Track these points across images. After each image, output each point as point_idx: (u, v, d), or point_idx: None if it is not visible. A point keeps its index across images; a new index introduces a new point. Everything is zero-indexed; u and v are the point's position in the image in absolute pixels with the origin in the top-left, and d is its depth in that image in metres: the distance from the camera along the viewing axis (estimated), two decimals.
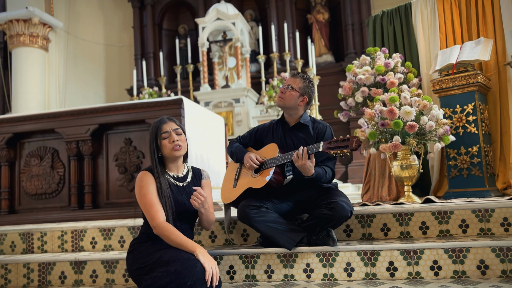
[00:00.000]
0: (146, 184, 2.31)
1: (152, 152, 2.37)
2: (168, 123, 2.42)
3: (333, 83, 10.37)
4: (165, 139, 2.38)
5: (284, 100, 2.69)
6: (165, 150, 2.37)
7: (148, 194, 2.28)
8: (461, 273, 2.22)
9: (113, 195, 4.13)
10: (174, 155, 2.37)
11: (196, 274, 2.03)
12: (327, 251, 2.39)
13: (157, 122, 2.43)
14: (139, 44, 11.56)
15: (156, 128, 2.40)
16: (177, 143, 2.37)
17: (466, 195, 3.62)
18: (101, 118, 4.10)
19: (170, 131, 2.39)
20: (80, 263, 2.70)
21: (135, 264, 2.24)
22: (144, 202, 2.29)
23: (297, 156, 2.36)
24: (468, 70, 3.79)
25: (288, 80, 2.75)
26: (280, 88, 2.73)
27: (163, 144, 2.37)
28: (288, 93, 2.68)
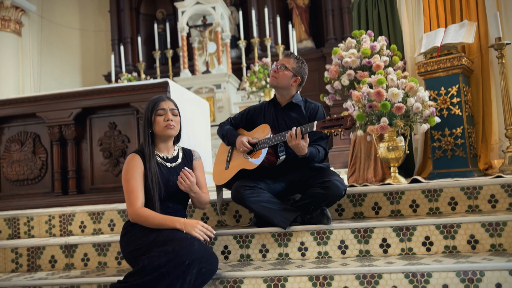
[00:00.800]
0: (132, 168, 2.28)
1: (146, 128, 2.33)
2: (166, 101, 2.39)
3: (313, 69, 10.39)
4: (160, 116, 2.34)
5: (278, 80, 2.68)
6: (157, 127, 2.34)
7: (131, 180, 2.25)
8: (452, 248, 2.28)
9: (98, 180, 4.07)
10: (166, 133, 2.34)
11: (194, 252, 2.02)
12: (321, 229, 2.41)
13: (155, 98, 2.39)
14: (116, 29, 11.32)
15: (153, 103, 2.36)
16: (171, 122, 2.34)
17: (450, 175, 3.70)
18: (85, 102, 4.01)
19: (167, 110, 2.36)
20: (71, 246, 2.65)
21: (129, 246, 2.21)
22: (125, 187, 2.27)
23: (290, 136, 2.37)
24: (453, 52, 3.85)
25: (281, 59, 2.73)
26: (273, 68, 2.72)
27: (157, 120, 2.34)
28: (282, 73, 2.67)
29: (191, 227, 2.14)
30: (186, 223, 2.15)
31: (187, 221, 2.15)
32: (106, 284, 2.28)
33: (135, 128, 4.03)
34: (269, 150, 2.54)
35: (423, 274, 2.00)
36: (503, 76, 3.52)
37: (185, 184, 2.25)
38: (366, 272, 2.05)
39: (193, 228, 2.13)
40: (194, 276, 2.03)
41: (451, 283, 1.97)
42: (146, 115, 2.35)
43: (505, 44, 3.49)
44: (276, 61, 2.77)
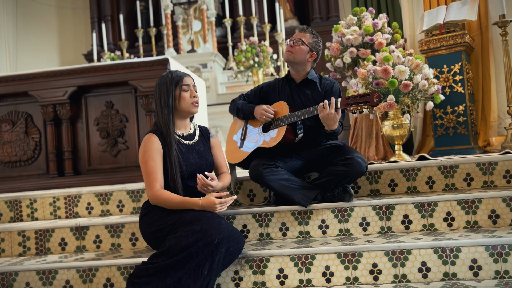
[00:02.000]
0: (149, 149, 2.18)
1: (170, 104, 2.22)
2: (189, 77, 2.30)
3: None
4: (185, 92, 2.25)
5: (294, 55, 2.62)
6: (183, 103, 2.25)
7: (150, 161, 2.17)
8: (474, 223, 2.29)
9: (96, 161, 3.95)
10: (192, 110, 2.26)
11: (222, 231, 1.97)
12: (342, 206, 2.39)
13: (177, 72, 2.29)
14: (95, 7, 10.95)
15: (177, 78, 2.26)
16: (197, 99, 2.25)
17: (452, 153, 3.74)
18: (80, 80, 3.86)
19: (191, 86, 2.27)
20: (82, 228, 2.56)
21: (151, 227, 2.14)
22: (144, 169, 2.19)
23: (323, 107, 2.31)
24: (455, 30, 3.85)
25: (297, 34, 2.66)
26: (289, 43, 2.65)
27: (183, 96, 2.24)
28: (298, 48, 2.61)
29: (209, 208, 2.07)
30: (204, 205, 2.08)
31: (204, 203, 2.08)
32: (126, 266, 2.21)
33: (133, 107, 3.92)
34: (288, 128, 2.49)
35: (452, 249, 2.01)
36: (507, 53, 3.54)
37: (207, 190, 2.18)
38: (395, 248, 2.05)
39: (212, 209, 2.07)
40: (222, 256, 1.99)
41: (480, 257, 1.98)
42: (167, 90, 2.24)
43: (509, 21, 3.50)
44: (289, 38, 2.70)
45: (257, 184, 2.64)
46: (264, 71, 8.32)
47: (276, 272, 2.13)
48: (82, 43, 11.45)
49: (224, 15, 10.13)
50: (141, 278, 1.95)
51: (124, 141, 3.92)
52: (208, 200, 2.05)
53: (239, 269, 2.15)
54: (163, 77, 2.31)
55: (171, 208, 2.12)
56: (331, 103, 2.29)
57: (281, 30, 8.87)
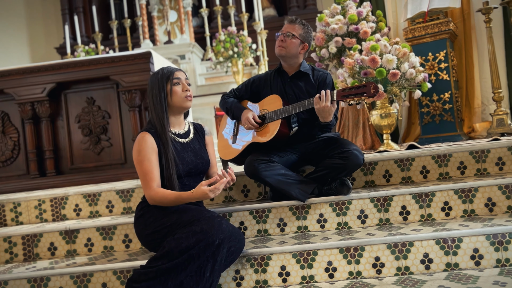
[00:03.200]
0: (144, 148, 2.10)
1: (162, 100, 2.15)
2: (180, 71, 2.21)
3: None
4: (176, 86, 2.17)
5: (286, 49, 2.56)
6: (175, 97, 2.16)
7: (145, 161, 2.08)
8: (471, 212, 2.30)
9: (79, 159, 3.83)
10: (185, 105, 2.18)
11: (223, 231, 1.92)
12: (340, 200, 2.37)
13: (168, 68, 2.20)
14: None
15: (168, 73, 2.17)
16: (189, 93, 2.18)
17: (439, 140, 3.77)
18: (59, 76, 3.72)
19: (182, 80, 2.19)
20: (72, 232, 2.47)
21: (148, 228, 2.07)
22: (139, 169, 2.10)
23: (319, 99, 2.27)
24: (439, 18, 3.85)
25: (286, 27, 2.60)
26: (279, 37, 2.58)
27: (174, 90, 2.16)
28: (289, 41, 2.55)
29: (203, 197, 1.98)
30: (197, 196, 1.98)
31: (196, 194, 1.98)
32: (122, 270, 2.13)
33: (116, 103, 3.80)
34: (282, 121, 2.45)
35: (453, 240, 2.01)
36: (491, 40, 3.57)
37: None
38: (397, 241, 2.04)
39: (205, 197, 1.97)
40: (224, 256, 1.94)
41: (481, 246, 1.99)
42: (159, 86, 2.16)
43: (492, 8, 3.52)
44: (279, 31, 2.62)
45: (252, 179, 2.59)
46: (244, 61, 8.23)
47: (278, 270, 2.09)
48: (54, 36, 11.10)
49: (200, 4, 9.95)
50: (141, 282, 1.88)
51: (107, 138, 3.81)
52: (199, 190, 1.96)
53: (240, 268, 2.11)
54: (154, 74, 2.23)
55: (168, 205, 2.05)
56: (327, 96, 2.25)
57: (259, 19, 8.77)
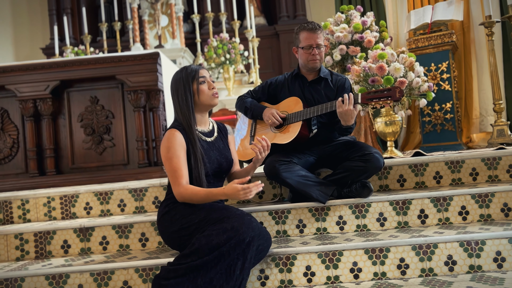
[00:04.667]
0: (173, 145, 2.08)
1: (189, 99, 2.13)
2: (204, 70, 2.21)
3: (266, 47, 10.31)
4: (203, 84, 2.17)
5: (320, 61, 2.59)
6: (202, 96, 2.16)
7: (174, 158, 2.07)
8: (487, 216, 2.36)
9: (80, 159, 3.75)
10: (213, 102, 2.18)
11: (253, 229, 1.91)
12: (359, 202, 2.39)
13: (191, 67, 2.19)
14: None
15: (193, 72, 2.16)
16: (216, 90, 2.17)
17: (440, 149, 3.85)
18: (63, 74, 3.65)
19: (207, 78, 2.19)
20: (87, 229, 2.41)
21: (174, 225, 2.04)
22: (168, 166, 2.08)
23: (342, 102, 2.29)
24: (442, 29, 3.96)
25: (314, 38, 2.54)
26: (312, 51, 2.53)
27: (201, 89, 2.16)
28: (321, 52, 2.57)
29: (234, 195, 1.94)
30: (228, 193, 1.96)
31: (227, 191, 1.96)
32: (145, 268, 2.10)
33: (120, 103, 3.76)
34: (303, 123, 2.46)
35: (477, 242, 2.05)
36: (493, 53, 3.67)
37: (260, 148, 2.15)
38: (421, 243, 2.06)
39: (235, 195, 1.94)
40: (253, 254, 1.93)
41: (503, 249, 2.04)
42: (184, 85, 2.15)
43: (495, 22, 3.64)
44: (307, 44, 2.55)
45: (270, 180, 2.59)
46: (236, 68, 8.26)
47: (303, 270, 2.09)
48: (39, 37, 10.88)
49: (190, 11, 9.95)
50: (169, 279, 1.85)
51: (110, 138, 3.75)
52: (231, 187, 1.94)
53: (265, 268, 2.10)
54: (178, 72, 2.21)
55: (198, 203, 2.03)
56: (350, 99, 2.28)
57: (251, 27, 8.82)
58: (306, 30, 2.59)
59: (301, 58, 2.62)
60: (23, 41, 11.01)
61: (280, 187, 2.68)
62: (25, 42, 11.00)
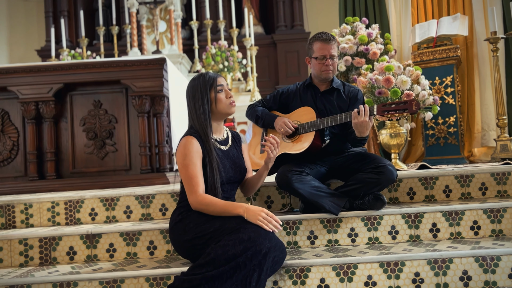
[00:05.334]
0: (190, 152, 2.05)
1: (206, 107, 2.11)
2: (221, 78, 2.18)
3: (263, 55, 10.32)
4: (220, 93, 2.14)
5: (334, 71, 2.58)
6: (220, 105, 2.13)
7: (191, 165, 2.04)
8: (499, 232, 2.36)
9: (81, 163, 3.70)
10: (230, 111, 2.16)
11: (270, 240, 1.88)
12: (371, 215, 2.37)
13: (209, 74, 2.16)
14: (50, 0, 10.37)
15: (211, 80, 2.14)
16: (233, 99, 2.15)
17: (443, 162, 3.86)
18: (68, 77, 3.60)
19: (225, 86, 2.16)
20: (94, 236, 2.36)
21: (187, 234, 2.01)
22: (184, 174, 2.05)
23: (358, 113, 2.28)
24: (447, 44, 3.99)
25: (329, 48, 2.53)
26: (325, 61, 2.53)
27: (219, 98, 2.13)
28: (334, 63, 2.56)
29: (253, 214, 1.95)
30: (249, 209, 1.97)
31: (250, 207, 1.99)
32: (156, 277, 2.05)
33: (124, 107, 3.72)
34: (316, 134, 2.45)
35: (492, 258, 2.04)
36: (497, 68, 3.70)
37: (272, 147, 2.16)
38: (437, 257, 2.05)
39: (255, 216, 1.94)
40: (270, 265, 1.90)
41: None
42: (202, 93, 2.12)
43: (500, 38, 3.67)
44: (320, 55, 2.54)
45: (280, 190, 2.57)
46: (233, 75, 8.27)
47: (317, 282, 2.06)
48: (35, 38, 10.79)
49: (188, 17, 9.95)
50: None
51: (113, 143, 3.70)
52: (254, 206, 1.95)
53: (279, 279, 2.07)
54: (196, 79, 2.19)
55: (213, 214, 2.00)
56: (366, 111, 2.27)
57: (249, 36, 8.83)
58: (320, 40, 2.58)
59: (314, 69, 2.62)
60: (18, 42, 10.90)
61: (290, 197, 2.65)
62: (20, 43, 10.90)
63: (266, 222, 1.93)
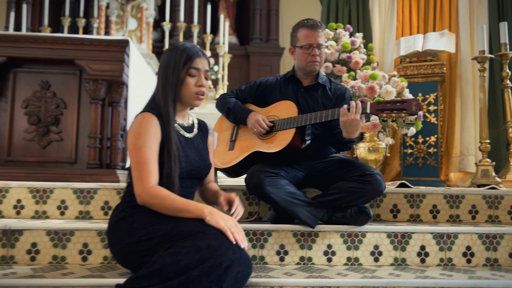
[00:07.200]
0: (146, 132, 1.66)
1: (175, 84, 1.72)
2: (203, 58, 1.78)
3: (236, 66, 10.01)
4: (191, 77, 1.75)
5: (320, 63, 2.25)
6: (184, 90, 1.75)
7: (145, 148, 1.64)
8: (493, 261, 2.06)
9: (18, 151, 3.18)
10: (193, 103, 1.77)
11: (234, 251, 1.49)
12: (353, 231, 2.02)
13: (191, 51, 1.77)
14: None
15: (187, 56, 1.74)
16: (203, 89, 1.76)
17: (420, 184, 3.59)
18: (13, 50, 3.11)
19: (202, 71, 1.77)
20: (13, 232, 1.89)
21: (130, 236, 1.59)
22: (135, 157, 1.64)
23: (348, 110, 1.94)
24: (433, 60, 3.78)
25: (316, 36, 2.21)
26: (312, 51, 2.20)
27: (187, 82, 1.74)
28: (322, 54, 2.24)
29: (219, 218, 1.56)
30: (216, 211, 1.59)
31: (217, 210, 1.60)
32: None
33: (76, 92, 3.25)
34: (296, 131, 2.10)
35: None
36: (483, 89, 3.50)
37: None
38: (431, 285, 1.72)
39: (224, 220, 1.56)
40: (231, 283, 1.50)
41: None
42: (175, 66, 1.73)
43: (488, 58, 3.48)
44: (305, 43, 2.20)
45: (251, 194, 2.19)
46: None
47: None
48: None
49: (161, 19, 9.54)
50: None
51: (58, 131, 3.22)
52: (224, 214, 1.57)
53: None
54: (175, 49, 1.79)
55: (167, 212, 1.59)
56: (357, 107, 1.94)
57: (223, 43, 8.51)
58: (306, 27, 2.25)
59: (299, 59, 2.28)
60: None
61: (259, 204, 2.28)
62: None
63: (234, 230, 1.55)
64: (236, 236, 1.52)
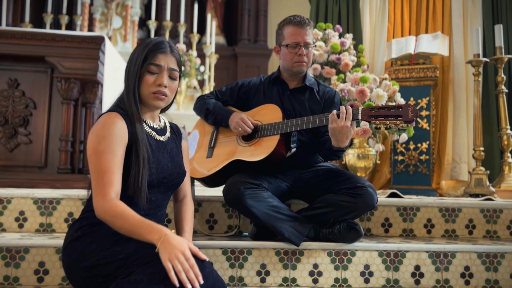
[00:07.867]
0: (109, 136, 1.44)
1: (136, 80, 1.52)
2: (168, 55, 1.56)
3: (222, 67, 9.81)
4: (151, 74, 1.54)
5: (308, 64, 2.06)
6: (142, 88, 1.54)
7: (107, 154, 1.42)
8: (494, 283, 1.89)
9: None
10: (152, 102, 1.55)
11: (206, 278, 1.29)
12: (341, 249, 1.84)
13: (154, 43, 1.56)
14: None
15: (149, 51, 1.54)
16: (164, 90, 1.55)
17: (411, 192, 3.43)
18: None
19: (164, 68, 1.55)
20: None
21: (87, 259, 1.38)
22: (95, 163, 1.42)
23: (337, 116, 1.75)
24: (425, 63, 3.63)
25: (303, 34, 2.03)
26: (299, 50, 2.02)
27: (145, 79, 1.53)
28: (310, 54, 2.06)
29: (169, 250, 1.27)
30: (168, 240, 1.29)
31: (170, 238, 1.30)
32: None
33: (47, 91, 3.04)
34: (280, 138, 1.91)
35: None
36: (478, 94, 3.35)
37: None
38: None
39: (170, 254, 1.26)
40: None
41: None
42: (136, 60, 1.53)
43: (483, 61, 3.33)
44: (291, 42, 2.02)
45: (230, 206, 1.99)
46: (189, 82, 7.68)
47: None
48: None
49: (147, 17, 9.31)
50: None
51: (27, 133, 3.00)
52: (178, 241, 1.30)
53: None
54: (142, 43, 1.60)
55: (120, 231, 1.36)
56: (348, 113, 1.76)
57: (210, 43, 8.30)
58: (293, 24, 2.07)
59: (284, 59, 2.09)
60: None
61: (239, 217, 2.08)
62: None
63: (179, 269, 1.25)
64: (182, 276, 1.24)
